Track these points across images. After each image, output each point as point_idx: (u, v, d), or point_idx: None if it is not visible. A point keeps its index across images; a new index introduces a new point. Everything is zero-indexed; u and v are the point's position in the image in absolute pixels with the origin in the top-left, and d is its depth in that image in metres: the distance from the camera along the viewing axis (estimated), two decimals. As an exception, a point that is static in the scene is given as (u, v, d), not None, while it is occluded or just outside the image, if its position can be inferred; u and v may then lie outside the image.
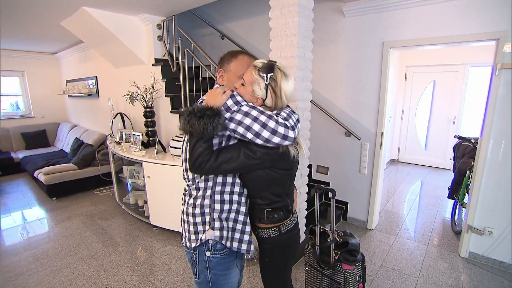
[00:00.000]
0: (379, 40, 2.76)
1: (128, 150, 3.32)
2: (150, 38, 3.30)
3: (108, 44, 3.41)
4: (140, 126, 3.76)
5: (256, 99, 1.15)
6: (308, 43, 2.17)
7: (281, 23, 2.09)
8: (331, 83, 3.17)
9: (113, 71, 4.13)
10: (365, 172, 3.07)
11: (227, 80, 1.25)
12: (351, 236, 1.79)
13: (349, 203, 3.27)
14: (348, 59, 3.00)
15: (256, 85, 1.13)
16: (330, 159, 3.32)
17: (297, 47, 2.05)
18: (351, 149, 3.13)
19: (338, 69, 3.09)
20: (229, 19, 3.87)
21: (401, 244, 2.84)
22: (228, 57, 1.25)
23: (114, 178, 3.80)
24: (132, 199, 3.55)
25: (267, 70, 1.12)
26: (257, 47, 3.65)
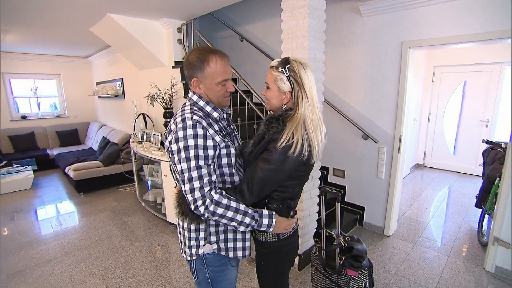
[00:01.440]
0: (397, 40, 2.68)
1: (148, 149, 3.45)
2: (171, 41, 3.43)
3: (132, 47, 3.59)
4: (160, 126, 3.90)
5: (284, 96, 1.18)
6: (319, 44, 2.16)
7: (292, 25, 2.10)
8: (348, 84, 3.12)
9: (137, 73, 4.33)
10: (383, 177, 2.98)
11: (206, 88, 1.16)
12: (358, 241, 1.75)
13: (365, 208, 3.19)
14: (366, 59, 2.94)
15: (279, 81, 1.16)
16: (347, 162, 3.27)
17: (307, 48, 2.05)
18: (368, 153, 3.06)
19: (356, 70, 3.03)
20: (248, 21, 3.92)
21: (419, 253, 2.72)
22: (198, 63, 1.13)
23: (135, 176, 3.97)
24: (151, 197, 3.69)
25: (284, 64, 1.16)
26: (275, 49, 3.67)
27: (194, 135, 1.05)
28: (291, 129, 1.11)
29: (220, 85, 1.16)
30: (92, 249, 2.81)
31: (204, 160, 1.06)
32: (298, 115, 1.14)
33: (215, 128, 1.12)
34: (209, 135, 1.08)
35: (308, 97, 1.15)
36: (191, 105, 1.17)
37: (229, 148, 1.16)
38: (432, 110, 5.39)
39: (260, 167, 1.12)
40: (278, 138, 1.11)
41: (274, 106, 1.22)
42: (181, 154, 1.04)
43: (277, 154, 1.10)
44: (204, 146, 1.06)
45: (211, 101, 1.19)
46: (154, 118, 4.09)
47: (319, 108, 1.18)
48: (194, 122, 1.06)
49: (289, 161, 1.11)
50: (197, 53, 1.14)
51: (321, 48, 2.21)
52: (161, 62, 3.56)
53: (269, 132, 1.17)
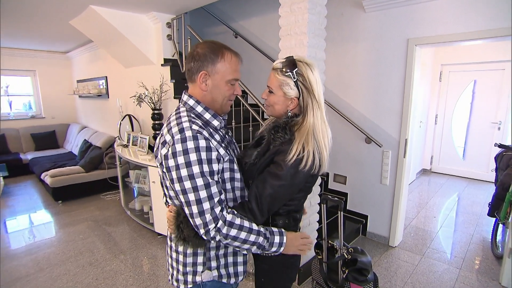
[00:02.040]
0: (403, 37, 2.74)
1: (135, 153, 3.45)
2: (159, 37, 3.45)
3: (117, 43, 3.60)
4: (148, 129, 3.91)
5: (290, 102, 1.16)
6: (320, 42, 2.19)
7: (290, 21, 2.13)
8: (349, 84, 3.17)
9: (122, 71, 4.34)
10: (387, 183, 3.03)
11: (213, 85, 1.10)
12: (362, 253, 1.79)
13: (369, 217, 3.23)
14: (369, 58, 2.99)
15: (285, 86, 1.14)
16: (349, 168, 3.30)
17: (307, 46, 2.08)
18: (371, 157, 3.10)
19: (358, 69, 3.08)
20: (243, 17, 3.97)
21: (428, 265, 2.77)
22: (211, 55, 1.08)
23: (120, 183, 3.96)
24: (137, 205, 3.68)
25: (290, 67, 1.13)
26: (272, 46, 3.71)
27: (196, 148, 0.98)
28: (301, 141, 1.09)
29: (230, 85, 1.12)
30: (70, 264, 2.79)
31: (211, 177, 1.00)
32: (308, 124, 1.12)
33: (217, 139, 1.08)
34: (213, 146, 1.02)
35: (318, 103, 1.13)
36: (187, 111, 1.10)
37: (233, 163, 1.13)
38: (440, 112, 5.49)
39: (269, 183, 1.09)
40: (287, 150, 1.09)
41: (278, 112, 1.20)
42: (181, 172, 0.97)
43: (287, 169, 1.07)
44: (209, 160, 1.00)
45: (212, 104, 1.13)
46: (141, 120, 4.09)
47: (324, 111, 1.18)
48: (194, 133, 0.99)
49: (300, 175, 1.09)
50: (209, 44, 1.10)
51: (322, 46, 2.24)
52: (149, 60, 3.57)
53: (275, 142, 1.14)
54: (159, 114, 3.46)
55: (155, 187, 3.05)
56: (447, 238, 3.27)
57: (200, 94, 1.12)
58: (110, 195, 4.51)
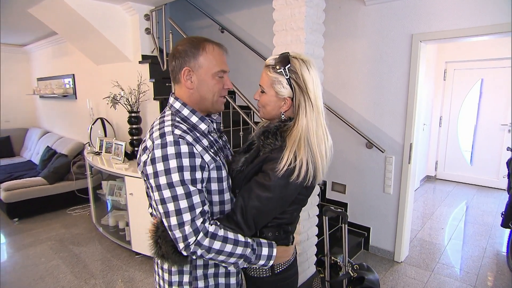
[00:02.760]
0: (407, 32, 2.82)
1: (108, 162, 3.42)
2: (137, 31, 3.44)
3: (87, 36, 3.56)
4: (123, 134, 3.88)
5: (283, 102, 1.17)
6: (318, 37, 2.23)
7: (286, 14, 2.16)
8: (348, 83, 3.22)
9: (93, 68, 4.29)
10: (391, 192, 3.09)
11: (199, 81, 1.14)
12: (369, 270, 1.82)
13: (371, 229, 3.28)
14: (370, 55, 3.05)
15: (277, 84, 1.15)
16: (348, 175, 3.35)
17: (304, 43, 2.11)
18: (373, 164, 3.16)
19: (357, 67, 3.14)
20: (230, 9, 4.00)
21: (438, 282, 2.82)
22: (191, 49, 1.12)
23: (91, 195, 3.90)
24: (111, 221, 3.63)
25: (283, 63, 1.14)
26: (262, 41, 3.75)
27: (177, 154, 1.00)
28: (292, 148, 1.09)
29: (217, 78, 1.15)
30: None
31: (192, 185, 1.02)
32: (299, 127, 1.12)
33: (204, 144, 1.09)
34: (197, 152, 1.04)
35: (312, 104, 1.14)
36: (172, 114, 1.13)
37: (221, 170, 1.13)
38: (444, 113, 5.64)
39: (256, 194, 1.10)
40: (277, 158, 1.09)
41: (270, 114, 1.21)
42: (160, 179, 1.00)
43: (276, 180, 1.08)
44: (192, 167, 1.02)
45: (202, 103, 1.17)
46: (116, 124, 4.05)
47: (324, 116, 1.19)
48: (176, 138, 1.02)
49: (291, 188, 1.10)
50: (189, 39, 1.15)
51: (320, 42, 2.27)
52: (124, 56, 3.55)
53: (265, 149, 1.15)
54: (136, 118, 3.44)
55: (133, 199, 3.02)
56: (457, 252, 3.34)
57: (187, 93, 1.15)
58: (79, 210, 4.43)
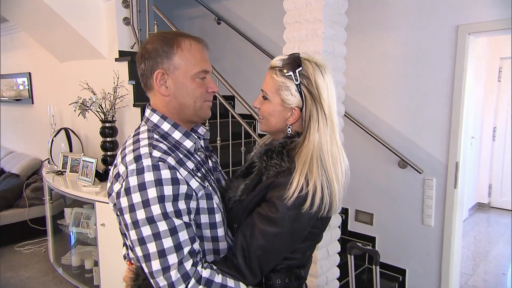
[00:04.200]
0: (451, 23, 2.80)
1: (74, 184, 3.37)
2: (113, 21, 3.43)
3: (49, 26, 3.53)
4: (95, 149, 3.83)
5: (290, 113, 1.19)
6: (339, 31, 2.23)
7: (300, 3, 2.17)
8: (376, 88, 3.20)
9: (56, 66, 4.26)
10: (431, 224, 3.03)
11: (175, 85, 1.15)
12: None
13: (407, 272, 3.20)
14: (403, 52, 3.04)
15: (284, 91, 1.17)
16: (376, 202, 3.30)
17: (322, 38, 2.10)
18: (408, 188, 3.11)
19: (388, 68, 3.13)
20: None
21: None
22: (163, 48, 1.13)
23: (49, 227, 3.81)
24: (75, 259, 3.55)
25: (293, 66, 1.16)
26: (268, 36, 3.74)
27: (157, 181, 1.01)
28: (303, 170, 1.09)
29: (198, 80, 1.16)
30: None
31: (178, 218, 1.02)
32: (310, 144, 1.12)
33: (189, 167, 1.10)
34: (182, 178, 1.04)
35: (326, 116, 1.15)
36: (149, 130, 1.14)
37: (211, 199, 1.14)
38: (500, 124, 5.54)
39: (260, 230, 1.10)
40: (285, 184, 1.09)
41: (273, 127, 1.23)
42: (137, 214, 1.00)
43: (284, 211, 1.08)
44: (175, 196, 1.02)
45: (183, 112, 1.18)
46: (85, 136, 4.01)
47: (339, 131, 1.19)
48: (155, 161, 1.03)
49: (303, 220, 1.10)
50: (160, 36, 1.16)
51: (342, 38, 2.27)
52: (97, 52, 3.53)
53: (268, 172, 1.16)
54: (111, 129, 3.40)
55: (105, 232, 2.96)
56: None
57: (163, 102, 1.17)
58: (32, 246, 4.32)
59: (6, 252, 4.21)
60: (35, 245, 4.33)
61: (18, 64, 5.09)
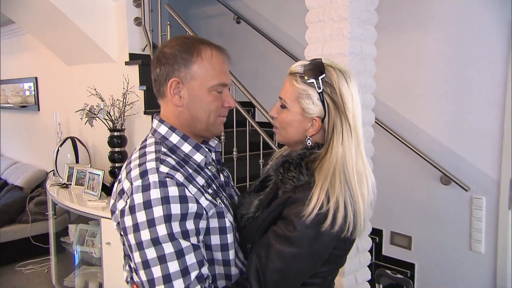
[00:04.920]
0: (504, 17, 2.73)
1: (79, 198, 3.41)
2: (123, 22, 3.51)
3: (56, 28, 3.63)
4: (102, 160, 3.88)
5: (310, 124, 1.21)
6: (368, 30, 2.21)
7: (324, 0, 2.16)
8: (413, 93, 3.18)
9: (63, 70, 4.37)
10: (481, 250, 2.94)
11: (190, 96, 1.18)
12: None
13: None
14: (446, 52, 3.00)
15: (305, 99, 1.19)
16: (415, 223, 3.25)
17: (349, 38, 2.09)
18: (452, 207, 3.06)
19: (427, 70, 3.09)
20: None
21: None
22: (182, 54, 1.16)
23: (52, 245, 3.86)
24: (79, 281, 3.58)
25: (315, 72, 1.18)
26: (293, 36, 3.74)
27: (164, 199, 1.02)
28: (324, 185, 1.10)
29: (215, 93, 1.18)
30: None
31: (185, 240, 1.03)
32: (333, 157, 1.14)
33: (199, 183, 1.13)
34: (191, 195, 1.06)
35: (351, 127, 1.17)
36: (157, 143, 1.18)
37: (223, 217, 1.15)
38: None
39: (276, 250, 1.11)
40: (303, 199, 1.10)
41: (291, 138, 1.26)
42: (142, 235, 1.02)
43: (303, 229, 1.09)
44: (183, 215, 1.03)
45: (194, 126, 1.21)
46: (92, 146, 4.07)
47: (366, 142, 1.24)
48: (162, 177, 1.05)
49: (323, 239, 1.11)
50: (180, 40, 1.19)
51: (371, 37, 2.24)
52: (106, 55, 3.61)
53: (285, 186, 1.18)
54: (120, 138, 3.45)
55: (110, 251, 2.98)
56: None
57: (174, 112, 1.21)
58: (33, 265, 4.38)
59: (6, 272, 4.29)
60: (37, 265, 4.41)
61: (25, 68, 5.25)
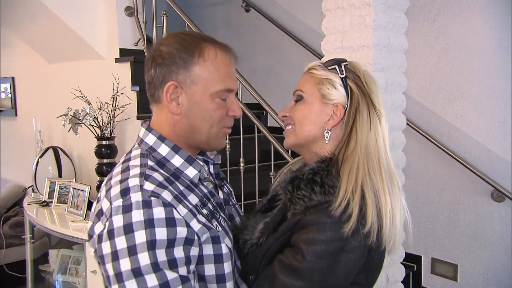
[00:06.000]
0: None
1: (62, 218, 3.41)
2: (112, 12, 3.54)
3: (35, 21, 3.68)
4: (89, 174, 3.89)
5: (331, 113, 1.23)
6: (397, 18, 2.22)
7: None
8: (454, 91, 3.18)
9: (44, 69, 4.41)
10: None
11: (190, 102, 1.18)
12: None
13: None
14: (492, 40, 3.00)
15: (326, 84, 1.23)
16: (461, 248, 3.24)
17: (373, 27, 2.10)
18: (506, 229, 3.03)
19: (470, 63, 3.10)
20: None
21: None
22: (182, 54, 1.16)
23: (29, 273, 3.85)
24: (60, 315, 3.59)
25: (336, 60, 1.26)
26: (311, 25, 3.74)
27: (147, 222, 1.02)
28: (350, 178, 1.11)
29: (219, 100, 1.18)
30: None
31: (172, 271, 1.03)
32: (358, 147, 1.17)
33: (192, 202, 1.13)
34: (180, 218, 1.05)
35: (379, 115, 1.21)
36: (143, 155, 1.18)
37: (219, 243, 1.15)
38: None
39: (282, 284, 1.11)
40: (315, 222, 1.10)
41: (307, 135, 1.26)
42: (121, 264, 1.01)
43: (313, 259, 1.09)
44: (170, 241, 1.03)
45: (193, 137, 1.21)
46: (77, 157, 4.10)
47: None
48: (146, 196, 1.04)
49: (339, 272, 1.11)
50: (179, 37, 1.19)
51: (401, 26, 2.26)
52: (93, 51, 3.64)
53: (295, 207, 1.16)
54: (109, 147, 3.47)
55: (96, 281, 2.98)
56: None
57: (170, 121, 1.20)
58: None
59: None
60: (10, 299, 4.44)
61: (0, 67, 5.30)
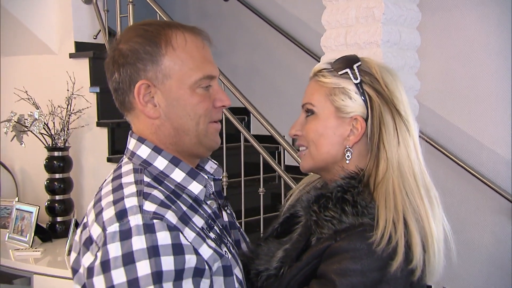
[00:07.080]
0: None
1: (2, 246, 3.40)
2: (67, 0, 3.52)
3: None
4: (36, 192, 3.89)
5: (350, 127, 1.23)
6: (409, 11, 2.26)
7: None
8: (467, 94, 3.24)
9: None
10: None
11: (167, 101, 1.18)
12: None
13: None
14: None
15: (339, 95, 1.22)
16: (475, 275, 3.30)
17: (382, 22, 2.14)
18: None
19: (490, 63, 3.15)
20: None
21: None
22: (146, 47, 1.16)
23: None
24: None
25: (347, 61, 1.23)
26: (302, 18, 3.79)
27: (150, 249, 1.00)
28: (388, 205, 1.11)
29: (200, 90, 1.18)
30: None
31: None
32: (391, 165, 1.17)
33: (198, 225, 1.12)
34: (187, 244, 1.05)
35: (406, 124, 1.20)
36: (136, 171, 1.17)
37: (232, 273, 1.15)
38: None
39: None
40: (348, 249, 1.10)
41: (325, 155, 1.26)
42: None
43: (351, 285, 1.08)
44: (178, 272, 1.01)
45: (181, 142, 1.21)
46: (21, 172, 4.11)
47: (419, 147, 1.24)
48: (148, 219, 1.03)
49: None
50: (139, 29, 1.19)
51: (413, 20, 2.30)
52: (42, 44, 3.64)
53: (321, 230, 1.16)
54: (63, 160, 3.45)
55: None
56: None
57: (151, 128, 1.20)
58: None
59: None
60: None
61: None
